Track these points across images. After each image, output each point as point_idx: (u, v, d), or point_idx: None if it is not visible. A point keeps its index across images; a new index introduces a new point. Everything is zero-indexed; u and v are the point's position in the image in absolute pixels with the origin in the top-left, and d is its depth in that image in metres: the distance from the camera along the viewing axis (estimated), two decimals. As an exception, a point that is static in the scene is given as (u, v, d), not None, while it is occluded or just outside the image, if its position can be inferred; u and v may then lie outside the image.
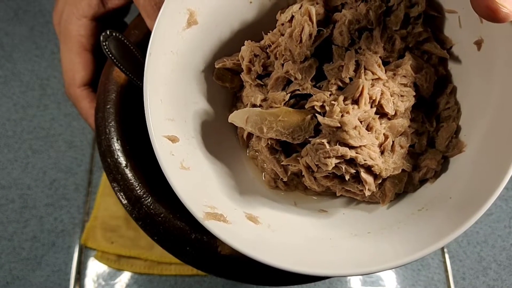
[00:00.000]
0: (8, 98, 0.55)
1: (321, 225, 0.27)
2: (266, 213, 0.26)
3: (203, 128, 0.28)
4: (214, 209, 0.24)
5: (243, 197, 0.27)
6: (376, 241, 0.24)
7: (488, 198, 0.21)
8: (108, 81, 0.32)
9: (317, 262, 0.22)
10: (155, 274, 0.47)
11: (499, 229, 0.52)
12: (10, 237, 0.48)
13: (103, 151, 0.31)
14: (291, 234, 0.25)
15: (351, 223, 0.26)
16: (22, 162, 0.52)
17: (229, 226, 0.23)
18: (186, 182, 0.24)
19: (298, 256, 0.23)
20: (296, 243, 0.24)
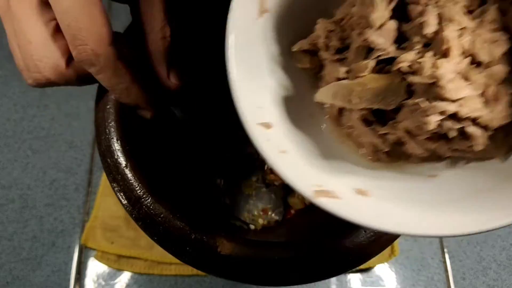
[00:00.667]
0: (8, 98, 0.55)
1: (434, 189, 0.25)
2: (373, 185, 0.25)
3: (292, 113, 0.28)
4: (321, 187, 0.23)
5: (346, 173, 0.26)
6: (498, 196, 0.23)
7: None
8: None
9: (444, 224, 0.22)
10: (155, 274, 0.47)
11: (499, 229, 0.52)
12: (10, 237, 0.48)
13: (103, 151, 0.31)
14: (406, 202, 0.24)
15: (466, 183, 0.25)
16: (22, 162, 0.52)
17: (341, 202, 0.23)
18: (288, 165, 0.24)
19: (425, 222, 0.22)
20: (414, 209, 0.23)
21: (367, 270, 0.49)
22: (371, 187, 0.25)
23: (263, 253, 0.28)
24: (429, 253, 0.51)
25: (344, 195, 0.23)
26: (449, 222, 0.22)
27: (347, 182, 0.25)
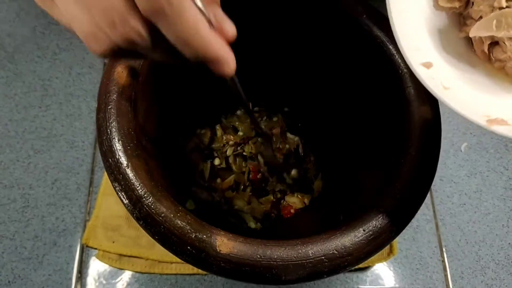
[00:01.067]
0: (10, 98, 0.55)
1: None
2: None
3: (447, 53, 0.31)
4: (490, 117, 0.26)
5: (506, 103, 0.28)
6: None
7: None
8: (109, 82, 0.33)
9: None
10: (156, 273, 0.47)
11: (497, 229, 0.53)
12: (12, 237, 0.48)
13: (104, 151, 0.31)
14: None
15: None
16: (24, 162, 0.52)
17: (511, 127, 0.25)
18: (455, 100, 0.26)
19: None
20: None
21: (366, 269, 0.49)
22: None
23: (262, 252, 0.28)
24: (428, 252, 0.51)
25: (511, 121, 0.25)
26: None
27: (509, 110, 0.27)
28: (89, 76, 0.57)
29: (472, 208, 0.54)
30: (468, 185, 0.55)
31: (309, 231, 0.41)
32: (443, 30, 0.32)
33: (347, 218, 0.35)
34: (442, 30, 0.32)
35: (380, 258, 0.49)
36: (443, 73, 0.29)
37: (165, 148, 0.42)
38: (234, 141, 0.47)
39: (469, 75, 0.30)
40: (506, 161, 0.56)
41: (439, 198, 0.54)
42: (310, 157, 0.50)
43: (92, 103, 0.56)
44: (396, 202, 0.30)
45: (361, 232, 0.29)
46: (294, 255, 0.28)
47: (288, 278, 0.28)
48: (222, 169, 0.48)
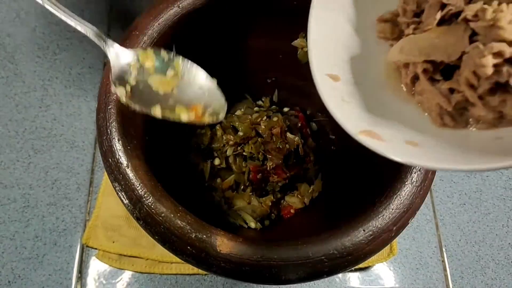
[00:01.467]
0: (10, 98, 0.55)
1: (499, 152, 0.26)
2: (429, 143, 0.26)
3: (362, 76, 0.30)
4: (367, 130, 0.25)
5: (402, 131, 0.27)
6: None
7: None
8: (109, 82, 0.33)
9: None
10: (156, 273, 0.47)
11: (497, 228, 0.53)
12: (12, 237, 0.48)
13: (104, 151, 0.31)
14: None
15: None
16: (24, 162, 0.52)
17: (384, 143, 0.24)
18: (343, 110, 0.26)
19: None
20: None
21: (366, 269, 0.49)
22: (424, 144, 0.25)
23: (262, 252, 0.28)
24: (428, 252, 0.51)
25: (390, 141, 0.25)
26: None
27: (399, 135, 0.26)
28: (89, 76, 0.57)
29: (472, 208, 0.54)
30: (468, 185, 0.55)
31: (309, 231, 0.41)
32: (370, 57, 0.31)
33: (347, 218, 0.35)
34: (368, 56, 0.31)
35: (380, 258, 0.49)
36: (350, 92, 0.28)
37: (165, 148, 0.42)
38: (234, 141, 0.47)
39: (380, 100, 0.29)
40: (506, 161, 0.56)
41: (439, 198, 0.54)
42: (310, 157, 0.50)
43: (92, 103, 0.56)
44: (396, 202, 0.30)
45: (361, 232, 0.29)
46: (294, 255, 0.28)
47: (288, 278, 0.28)
48: (222, 169, 0.48)
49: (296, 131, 0.49)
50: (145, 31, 0.35)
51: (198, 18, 0.38)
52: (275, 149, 0.47)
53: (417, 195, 0.31)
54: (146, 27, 0.35)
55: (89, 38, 0.35)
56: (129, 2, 0.62)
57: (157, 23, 0.35)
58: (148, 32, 0.35)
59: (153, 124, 0.38)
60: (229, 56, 0.45)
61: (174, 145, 0.46)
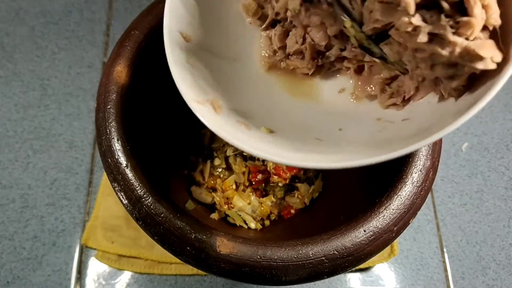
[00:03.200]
0: (9, 98, 0.55)
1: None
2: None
3: (217, 43, 0.29)
4: (207, 100, 0.25)
5: (246, 107, 0.27)
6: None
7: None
8: (108, 82, 0.33)
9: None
10: (156, 274, 0.47)
11: (498, 229, 0.52)
12: (11, 237, 0.48)
13: (103, 151, 0.31)
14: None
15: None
16: (23, 162, 0.52)
17: (218, 117, 0.24)
18: (187, 76, 0.25)
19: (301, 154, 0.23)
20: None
21: (367, 270, 0.49)
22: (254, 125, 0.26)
23: (263, 252, 0.28)
24: (429, 252, 0.51)
25: (223, 117, 0.24)
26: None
27: (235, 113, 0.26)
28: (88, 75, 0.57)
29: (473, 208, 0.53)
30: (469, 185, 0.55)
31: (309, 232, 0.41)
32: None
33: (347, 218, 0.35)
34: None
35: (381, 258, 0.49)
36: (196, 53, 0.28)
37: (165, 148, 0.42)
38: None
39: (230, 67, 0.29)
40: (507, 161, 0.56)
41: (440, 198, 0.54)
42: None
43: (91, 103, 0.55)
44: (396, 202, 0.30)
45: (361, 232, 0.29)
46: (294, 256, 0.28)
47: (288, 278, 0.28)
48: (222, 169, 0.48)
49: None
50: (144, 30, 0.35)
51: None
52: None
53: (418, 195, 0.31)
54: (145, 26, 0.35)
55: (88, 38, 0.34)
56: (128, 1, 0.62)
57: (156, 22, 0.35)
58: (147, 31, 0.35)
59: (153, 124, 0.38)
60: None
61: (174, 145, 0.46)
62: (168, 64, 0.26)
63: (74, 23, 0.59)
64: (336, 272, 0.29)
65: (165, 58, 0.39)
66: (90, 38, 0.58)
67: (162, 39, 0.36)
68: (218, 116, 0.24)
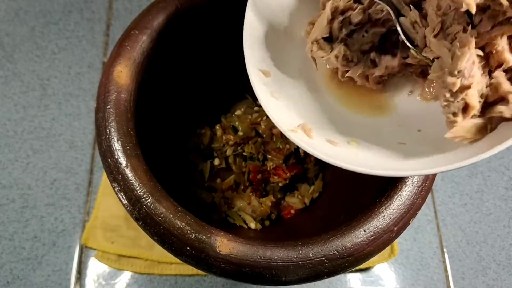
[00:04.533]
0: (9, 98, 0.55)
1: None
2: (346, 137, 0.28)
3: (289, 73, 0.31)
4: (297, 128, 0.27)
5: (325, 127, 0.29)
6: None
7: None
8: (108, 81, 0.33)
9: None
10: (156, 274, 0.47)
11: (498, 229, 0.52)
12: (11, 237, 0.48)
13: (103, 151, 0.31)
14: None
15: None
16: (22, 162, 0.52)
17: (312, 141, 0.26)
18: (276, 108, 0.27)
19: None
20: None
21: (367, 270, 0.49)
22: (341, 140, 0.28)
23: (263, 252, 0.28)
24: (429, 252, 0.51)
25: (316, 139, 0.26)
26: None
27: (323, 134, 0.28)
28: (88, 75, 0.57)
29: (473, 209, 0.53)
30: (469, 185, 0.55)
31: (309, 232, 0.41)
32: (298, 57, 0.32)
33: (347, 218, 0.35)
34: (297, 57, 0.32)
35: (381, 258, 0.49)
36: (279, 87, 0.30)
37: (165, 148, 0.42)
38: (234, 141, 0.47)
39: (306, 96, 0.31)
40: (507, 161, 0.56)
41: (440, 199, 0.54)
42: (310, 157, 0.49)
43: (91, 103, 0.55)
44: (397, 202, 0.30)
45: (361, 232, 0.29)
46: (294, 256, 0.28)
47: (288, 278, 0.28)
48: (222, 169, 0.48)
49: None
50: (144, 30, 0.35)
51: (197, 17, 0.38)
52: (275, 149, 0.47)
53: (418, 195, 0.31)
54: (145, 26, 0.35)
55: (88, 38, 0.35)
56: (128, 1, 0.62)
57: (156, 22, 0.35)
58: (147, 31, 0.35)
59: (153, 124, 0.38)
60: (229, 56, 0.44)
61: (174, 145, 0.46)
62: (170, 64, 0.26)
63: (74, 23, 0.59)
64: (336, 272, 0.29)
65: (165, 58, 0.39)
66: (90, 38, 0.58)
67: (162, 39, 0.36)
68: (311, 140, 0.26)
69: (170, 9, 0.36)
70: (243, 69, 0.30)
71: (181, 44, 0.39)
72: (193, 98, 0.46)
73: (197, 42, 0.41)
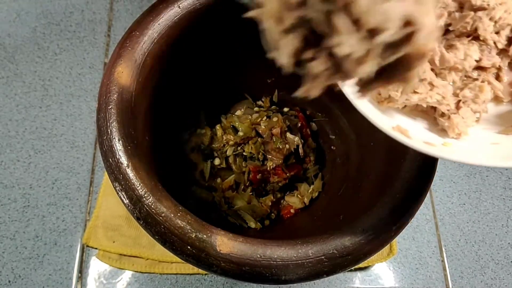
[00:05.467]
0: (11, 98, 0.55)
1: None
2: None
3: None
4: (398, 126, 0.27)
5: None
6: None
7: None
8: (109, 82, 0.33)
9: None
10: (156, 273, 0.47)
11: (497, 228, 0.53)
12: (13, 236, 0.49)
13: (105, 151, 0.31)
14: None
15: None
16: (24, 162, 0.52)
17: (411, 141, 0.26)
18: (370, 110, 0.28)
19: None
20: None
21: (366, 269, 0.49)
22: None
23: (263, 251, 0.28)
24: (428, 252, 0.51)
25: (414, 140, 0.27)
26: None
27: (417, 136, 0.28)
28: (90, 76, 0.57)
29: (471, 208, 0.54)
30: (467, 185, 0.55)
31: (309, 231, 0.41)
32: None
33: (346, 217, 0.35)
34: None
35: (380, 257, 0.49)
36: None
37: (165, 148, 0.42)
38: (234, 141, 0.47)
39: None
40: (505, 161, 0.56)
41: (438, 198, 0.54)
42: (310, 157, 0.50)
43: (93, 103, 0.56)
44: (395, 201, 0.30)
45: (360, 231, 0.29)
46: (294, 255, 0.28)
47: (288, 277, 0.28)
48: (222, 169, 0.48)
49: (296, 131, 0.49)
50: (145, 31, 0.35)
51: (198, 18, 0.38)
52: (275, 149, 0.47)
53: (417, 195, 0.31)
54: (146, 27, 0.35)
55: (89, 38, 0.35)
56: (129, 2, 0.62)
57: (157, 23, 0.35)
58: (148, 32, 0.35)
59: (153, 124, 0.38)
60: (229, 56, 0.45)
61: (175, 145, 0.46)
62: (171, 65, 0.25)
63: (76, 24, 0.60)
64: (335, 271, 0.29)
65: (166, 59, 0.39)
66: (91, 39, 0.58)
67: (163, 40, 0.36)
68: (410, 140, 0.27)
69: (171, 10, 0.36)
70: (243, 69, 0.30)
71: (182, 45, 0.39)
72: (194, 98, 0.46)
73: (197, 43, 0.41)
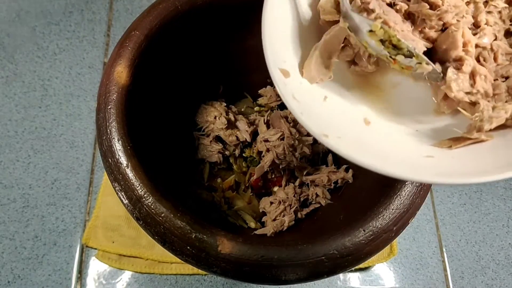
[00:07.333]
0: (10, 98, 0.55)
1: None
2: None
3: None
4: (327, 134, 0.26)
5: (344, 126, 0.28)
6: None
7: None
8: (109, 82, 0.33)
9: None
10: (156, 273, 0.47)
11: (497, 229, 0.53)
12: (12, 237, 0.48)
13: (104, 151, 0.31)
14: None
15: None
16: (23, 162, 0.52)
17: (343, 141, 0.25)
18: (302, 111, 0.26)
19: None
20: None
21: (366, 269, 0.49)
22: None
23: (262, 252, 0.28)
24: (428, 252, 0.51)
25: (347, 135, 0.26)
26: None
27: (347, 132, 0.27)
28: (89, 76, 0.57)
29: (472, 208, 0.54)
30: (468, 185, 0.55)
31: (309, 231, 0.41)
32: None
33: (346, 218, 0.35)
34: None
35: (380, 258, 0.49)
36: (297, 87, 0.29)
37: (165, 148, 0.42)
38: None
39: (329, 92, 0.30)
40: (506, 161, 0.56)
41: (439, 198, 0.54)
42: (310, 157, 0.50)
43: (92, 103, 0.56)
44: (396, 202, 0.30)
45: (361, 232, 0.29)
46: (294, 255, 0.28)
47: (288, 278, 0.28)
48: (223, 168, 0.48)
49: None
50: (145, 30, 0.35)
51: (197, 18, 0.38)
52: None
53: (417, 195, 0.31)
54: (146, 27, 0.35)
55: (89, 38, 0.34)
56: (129, 2, 0.62)
57: (157, 23, 0.35)
58: (148, 32, 0.35)
59: (153, 123, 0.38)
60: (229, 56, 0.45)
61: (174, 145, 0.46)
62: (171, 65, 0.25)
63: (75, 24, 0.59)
64: (335, 271, 0.29)
65: (166, 59, 0.39)
66: (91, 39, 0.58)
67: (162, 40, 0.36)
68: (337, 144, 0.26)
69: (170, 10, 0.36)
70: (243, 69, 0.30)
71: (182, 45, 0.39)
72: (194, 97, 0.46)
73: (197, 43, 0.41)
